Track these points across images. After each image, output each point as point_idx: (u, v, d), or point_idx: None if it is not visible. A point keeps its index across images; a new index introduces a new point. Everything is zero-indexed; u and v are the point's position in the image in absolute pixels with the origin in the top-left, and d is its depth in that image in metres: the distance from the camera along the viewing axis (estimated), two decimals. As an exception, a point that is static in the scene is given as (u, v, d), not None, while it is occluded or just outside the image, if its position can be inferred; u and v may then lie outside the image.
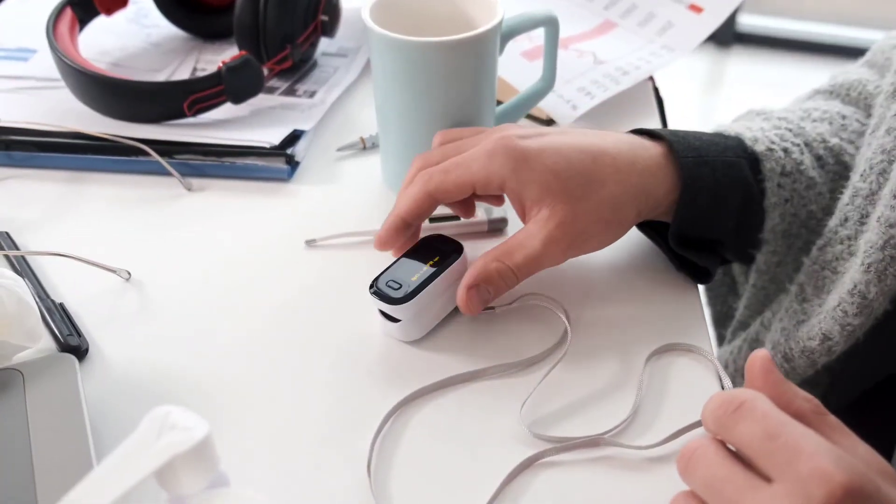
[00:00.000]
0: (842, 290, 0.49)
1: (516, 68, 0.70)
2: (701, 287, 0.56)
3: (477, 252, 0.58)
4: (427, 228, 0.57)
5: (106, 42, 0.79)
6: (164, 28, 0.81)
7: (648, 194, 0.50)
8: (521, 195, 0.49)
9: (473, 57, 0.55)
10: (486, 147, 0.49)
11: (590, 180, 0.49)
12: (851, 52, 0.69)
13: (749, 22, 2.57)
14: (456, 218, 0.58)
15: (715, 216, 0.52)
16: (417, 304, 0.49)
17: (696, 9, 0.75)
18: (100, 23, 0.77)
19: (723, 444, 0.35)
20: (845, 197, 0.53)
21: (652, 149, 0.51)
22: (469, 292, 0.49)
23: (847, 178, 0.56)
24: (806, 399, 0.36)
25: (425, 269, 0.50)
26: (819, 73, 0.64)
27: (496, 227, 0.58)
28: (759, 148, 0.53)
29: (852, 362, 0.52)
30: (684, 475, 0.36)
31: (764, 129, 0.56)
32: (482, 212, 0.58)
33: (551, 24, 0.60)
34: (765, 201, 0.53)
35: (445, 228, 0.58)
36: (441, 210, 0.59)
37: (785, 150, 0.54)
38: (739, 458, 0.34)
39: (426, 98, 0.56)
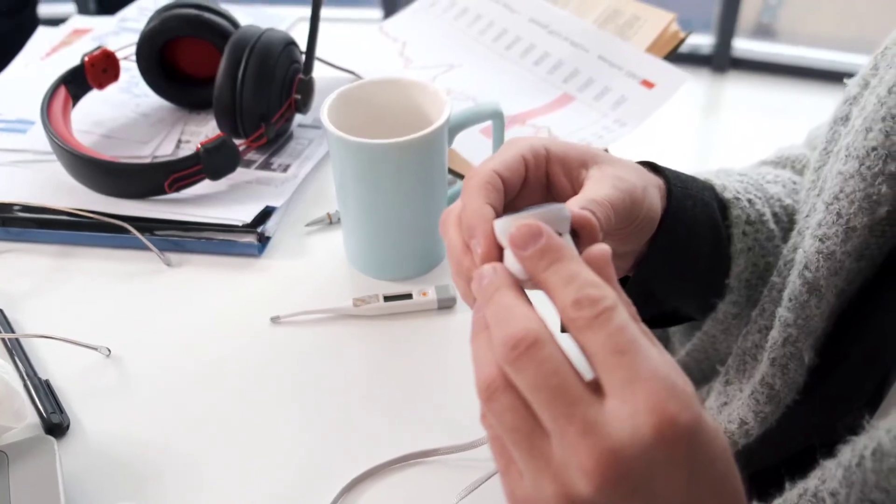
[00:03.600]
0: (755, 379, 0.54)
1: (474, 145, 0.75)
2: None
3: (429, 327, 0.63)
4: (381, 308, 0.63)
5: (99, 112, 0.85)
6: (152, 97, 0.86)
7: (651, 182, 0.50)
8: (567, 156, 0.47)
9: (422, 154, 0.60)
10: (503, 146, 0.47)
11: (608, 156, 0.49)
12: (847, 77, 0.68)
13: (745, 47, 2.61)
14: (409, 297, 0.63)
15: (690, 252, 0.53)
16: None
17: (648, 84, 0.80)
18: (94, 92, 0.83)
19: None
20: (765, 289, 0.57)
21: (645, 169, 0.52)
22: (587, 210, 0.42)
23: None
24: (626, 302, 0.36)
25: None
26: (813, 98, 0.65)
27: (445, 306, 0.63)
28: (727, 195, 0.56)
29: (766, 442, 0.56)
30: (514, 364, 0.34)
31: (730, 180, 0.58)
32: (432, 290, 0.64)
33: (497, 118, 0.65)
34: (731, 247, 0.55)
35: (397, 306, 0.63)
36: (393, 289, 0.64)
37: (749, 201, 0.56)
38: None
39: (380, 190, 0.61)
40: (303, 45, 0.78)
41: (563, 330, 0.36)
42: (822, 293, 0.49)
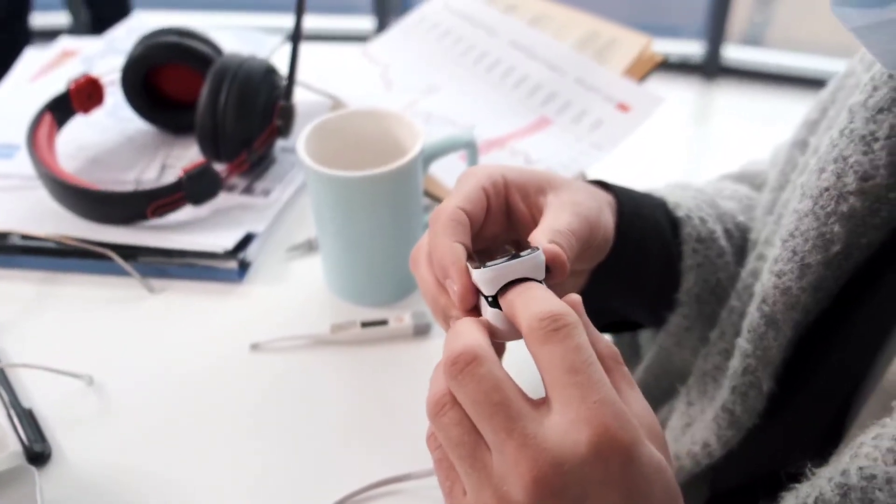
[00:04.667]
0: (717, 403, 0.55)
1: (453, 168, 0.77)
2: None
3: (406, 352, 0.64)
4: (358, 335, 0.64)
5: (85, 137, 0.87)
6: (137, 121, 0.88)
7: (604, 202, 0.52)
8: (524, 183, 0.48)
9: (397, 184, 0.61)
10: (460, 177, 0.48)
11: (562, 180, 0.50)
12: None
13: (735, 55, 2.63)
14: (384, 323, 0.64)
15: (640, 268, 0.55)
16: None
17: (624, 108, 0.82)
18: (80, 116, 0.84)
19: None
20: (724, 311, 0.58)
21: (597, 188, 0.53)
22: (555, 244, 0.43)
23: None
24: (606, 346, 0.38)
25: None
26: (804, 105, 0.65)
27: (421, 331, 0.65)
28: (680, 213, 0.57)
29: (731, 462, 0.58)
30: (456, 379, 0.35)
31: (684, 196, 0.60)
32: (408, 316, 0.65)
33: (471, 147, 0.66)
34: (681, 263, 0.57)
35: (374, 332, 0.64)
36: (371, 315, 0.65)
37: (700, 219, 0.58)
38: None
39: (355, 219, 0.62)
40: (284, 70, 0.79)
41: None
42: (780, 326, 0.50)
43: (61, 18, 2.97)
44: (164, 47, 0.81)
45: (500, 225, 0.49)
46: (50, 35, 1.07)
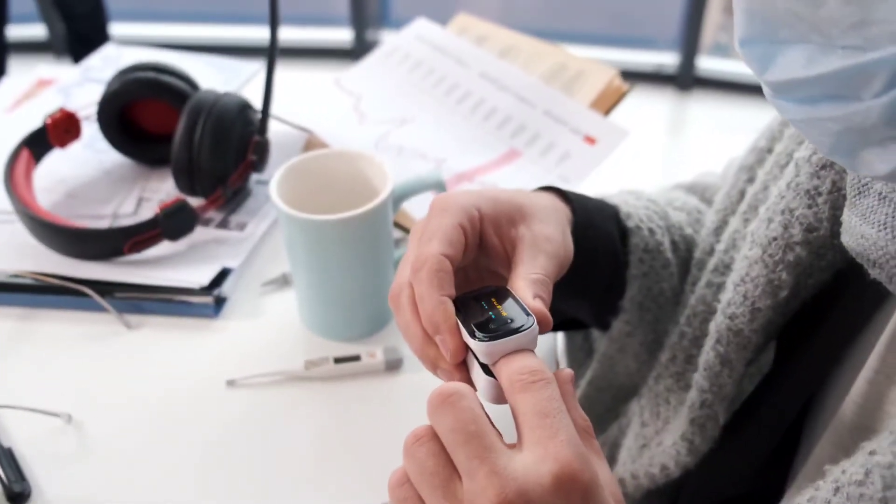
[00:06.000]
0: (675, 432, 0.58)
1: (424, 203, 0.79)
2: (561, 348, 0.64)
3: (378, 387, 0.66)
4: (331, 370, 0.66)
5: (62, 170, 0.88)
6: (114, 153, 0.89)
7: (564, 219, 0.53)
8: (497, 216, 0.49)
9: (367, 226, 0.63)
10: (435, 209, 0.48)
11: (531, 207, 0.50)
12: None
13: (708, 66, 2.66)
14: (357, 358, 0.66)
15: (587, 278, 0.57)
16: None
17: (591, 140, 0.84)
18: (58, 149, 0.86)
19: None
20: (673, 336, 0.60)
21: (557, 200, 0.55)
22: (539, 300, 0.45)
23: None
24: (581, 417, 0.41)
25: (507, 311, 0.43)
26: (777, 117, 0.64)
27: (392, 366, 0.67)
28: (630, 224, 0.59)
29: (690, 482, 0.61)
30: (436, 410, 0.38)
31: (637, 206, 0.62)
32: (380, 352, 0.67)
33: (440, 187, 0.68)
34: (627, 272, 0.59)
35: (347, 368, 0.66)
36: (344, 350, 0.67)
37: (650, 230, 0.60)
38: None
39: (327, 259, 0.64)
40: (259, 103, 0.81)
41: None
42: (733, 365, 0.53)
43: (38, 31, 2.96)
44: (140, 83, 0.83)
45: (472, 255, 0.50)
46: (27, 48, 1.07)
